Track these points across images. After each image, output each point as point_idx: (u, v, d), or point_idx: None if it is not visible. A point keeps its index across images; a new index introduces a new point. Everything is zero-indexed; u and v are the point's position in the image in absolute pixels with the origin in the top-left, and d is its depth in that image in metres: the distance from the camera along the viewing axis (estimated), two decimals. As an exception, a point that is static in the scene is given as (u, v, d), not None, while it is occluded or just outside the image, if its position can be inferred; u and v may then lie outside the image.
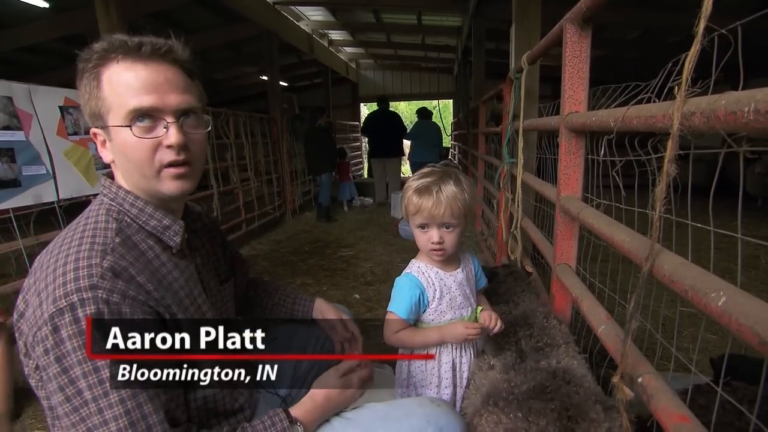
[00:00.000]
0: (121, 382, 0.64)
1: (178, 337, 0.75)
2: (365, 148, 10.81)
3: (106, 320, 0.65)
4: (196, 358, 0.79)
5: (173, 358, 0.73)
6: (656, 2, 4.85)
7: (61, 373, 0.64)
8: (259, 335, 1.26)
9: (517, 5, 2.61)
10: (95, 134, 0.77)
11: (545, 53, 1.56)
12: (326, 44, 8.87)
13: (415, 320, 1.13)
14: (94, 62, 0.73)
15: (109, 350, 0.65)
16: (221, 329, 0.90)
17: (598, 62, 1.32)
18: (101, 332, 0.65)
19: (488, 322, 1.08)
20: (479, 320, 1.10)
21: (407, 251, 4.09)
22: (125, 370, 0.65)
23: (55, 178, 2.08)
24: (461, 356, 1.15)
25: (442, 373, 1.14)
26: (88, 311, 0.64)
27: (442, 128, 6.96)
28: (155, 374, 0.70)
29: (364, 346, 2.32)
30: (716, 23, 0.55)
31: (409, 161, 6.90)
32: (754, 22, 0.54)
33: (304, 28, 7.40)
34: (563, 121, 1.24)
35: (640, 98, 0.88)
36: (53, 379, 0.64)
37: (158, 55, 0.74)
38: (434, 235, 1.06)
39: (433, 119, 6.73)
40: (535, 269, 1.94)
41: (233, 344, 0.98)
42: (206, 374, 0.81)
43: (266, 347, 1.18)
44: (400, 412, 0.90)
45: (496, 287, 1.40)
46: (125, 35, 0.75)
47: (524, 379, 0.90)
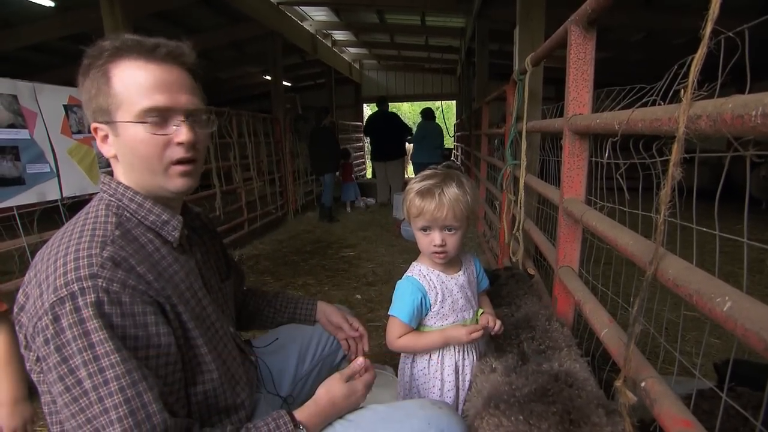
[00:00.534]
0: (120, 371, 0.64)
1: (178, 328, 0.76)
2: (367, 148, 10.83)
3: (106, 309, 0.66)
4: (198, 351, 0.80)
5: (173, 350, 0.73)
6: (661, 4, 4.83)
7: (61, 362, 0.64)
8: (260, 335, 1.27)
9: (521, 7, 2.61)
10: (96, 129, 0.78)
11: (549, 55, 1.56)
12: (330, 44, 8.88)
13: (417, 324, 1.13)
14: (104, 59, 0.75)
15: (108, 339, 0.64)
16: (223, 324, 0.91)
17: (602, 64, 1.31)
18: (101, 321, 0.65)
19: (488, 325, 1.08)
20: (480, 323, 1.10)
21: (409, 252, 4.08)
22: (125, 359, 0.65)
23: (59, 176, 2.09)
24: (464, 359, 1.14)
25: (444, 375, 1.14)
26: (88, 300, 0.65)
27: (444, 129, 6.96)
28: (156, 364, 0.70)
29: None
30: (722, 25, 0.54)
31: (411, 162, 6.89)
32: (762, 23, 0.54)
33: (307, 28, 7.42)
34: (567, 123, 1.24)
35: (645, 101, 0.87)
36: (53, 369, 0.64)
37: (172, 57, 0.77)
38: (436, 237, 1.06)
39: (436, 120, 6.73)
40: (537, 271, 1.93)
41: (235, 341, 0.98)
42: (208, 368, 0.81)
43: (267, 347, 1.19)
44: (401, 413, 0.90)
45: (498, 290, 1.40)
46: (136, 35, 0.77)
47: (526, 381, 0.90)
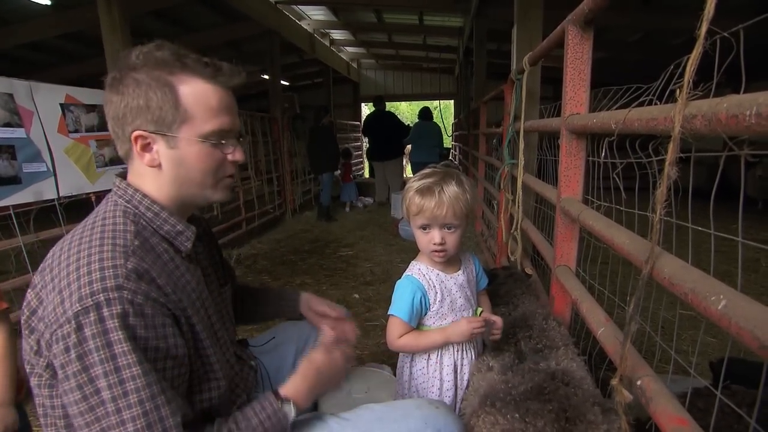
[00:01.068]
0: (141, 383, 0.64)
1: (191, 339, 0.76)
2: (365, 147, 10.83)
3: (131, 321, 0.66)
4: (207, 360, 0.80)
5: (186, 361, 0.74)
6: (658, 4, 4.84)
7: (81, 371, 0.64)
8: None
9: (518, 6, 2.61)
10: (142, 136, 0.77)
11: (547, 55, 1.56)
12: (328, 44, 8.87)
13: (417, 324, 1.13)
14: (167, 70, 0.76)
15: (132, 351, 0.64)
16: (224, 333, 0.91)
17: (600, 64, 1.32)
18: (126, 332, 0.65)
19: (490, 320, 1.08)
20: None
21: (407, 251, 4.08)
22: (147, 371, 0.65)
23: (55, 175, 2.08)
24: (463, 358, 1.14)
25: (444, 375, 1.14)
26: (114, 311, 0.65)
27: (442, 129, 6.96)
28: (172, 376, 0.70)
29: (365, 346, 2.34)
30: (719, 25, 0.54)
31: (409, 162, 6.89)
32: (758, 24, 0.54)
33: (305, 27, 7.40)
34: (564, 122, 1.24)
35: (641, 100, 0.87)
36: (71, 377, 0.64)
37: (231, 83, 0.82)
38: (436, 236, 1.06)
39: (433, 120, 6.73)
40: (534, 271, 1.94)
41: (237, 346, 0.98)
42: (215, 377, 0.81)
43: (264, 346, 1.19)
44: (397, 413, 0.90)
45: (495, 289, 1.40)
46: (191, 53, 0.80)
47: (522, 380, 0.90)
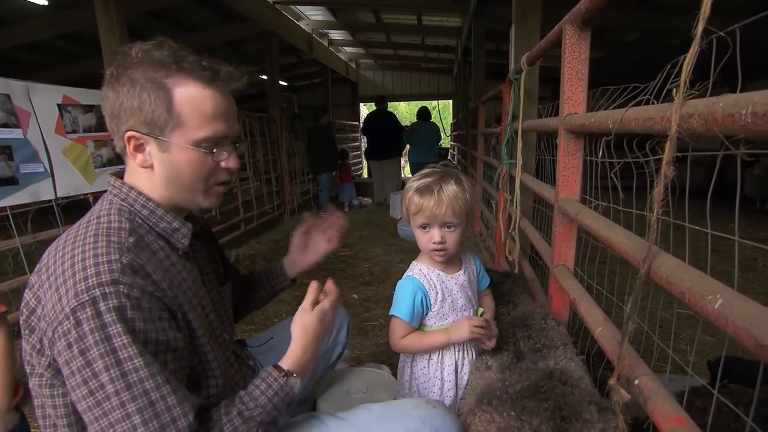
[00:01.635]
0: (144, 374, 0.65)
1: (187, 336, 0.76)
2: (363, 147, 10.83)
3: (128, 314, 0.66)
4: (204, 358, 0.80)
5: (186, 354, 0.74)
6: (655, 4, 4.85)
7: (85, 366, 0.64)
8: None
9: (517, 6, 2.61)
10: (135, 137, 0.76)
11: (544, 54, 1.56)
12: (326, 44, 8.87)
13: (419, 324, 1.13)
14: (163, 72, 0.74)
15: (132, 343, 0.65)
16: (223, 331, 0.91)
17: (598, 64, 1.32)
18: (124, 326, 0.65)
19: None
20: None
21: (406, 251, 4.08)
22: (149, 362, 0.66)
23: (53, 176, 2.07)
24: (463, 357, 1.15)
25: (444, 375, 1.14)
26: (111, 304, 0.65)
27: (441, 129, 6.97)
28: (174, 368, 0.71)
29: (363, 346, 2.34)
30: (718, 25, 0.54)
31: (408, 162, 6.89)
32: (754, 24, 0.54)
33: (304, 27, 7.40)
34: (562, 122, 1.24)
35: (638, 100, 0.87)
36: (77, 372, 0.64)
37: (229, 87, 0.81)
38: (436, 234, 1.06)
39: (432, 120, 6.73)
40: (533, 270, 1.94)
41: (236, 345, 0.98)
42: (213, 375, 0.82)
43: (262, 347, 1.19)
44: (395, 413, 0.90)
45: (496, 288, 1.40)
46: (190, 53, 0.78)
47: (519, 378, 0.90)
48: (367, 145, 7.15)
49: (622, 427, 0.74)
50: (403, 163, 7.58)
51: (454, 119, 10.19)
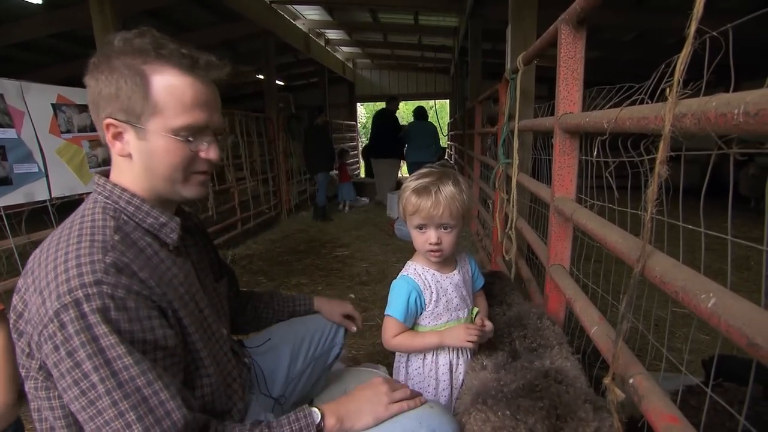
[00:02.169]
0: (135, 371, 0.65)
1: (179, 333, 0.75)
2: (360, 147, 10.84)
3: (113, 315, 0.65)
4: (197, 355, 0.80)
5: (179, 351, 0.74)
6: (652, 4, 4.88)
7: (74, 367, 0.64)
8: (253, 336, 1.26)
9: (513, 6, 2.62)
10: (113, 125, 0.75)
11: (540, 54, 1.56)
12: (323, 43, 8.86)
13: (413, 323, 1.13)
14: (141, 59, 0.73)
15: (119, 342, 0.64)
16: (219, 326, 0.90)
17: (594, 63, 1.33)
18: (109, 326, 0.64)
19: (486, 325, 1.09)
20: (476, 323, 1.10)
21: (403, 251, 4.09)
22: (138, 360, 0.65)
23: (47, 176, 2.06)
24: (458, 357, 1.15)
25: (439, 375, 1.14)
26: (94, 305, 0.64)
27: (438, 128, 6.97)
28: (165, 366, 0.70)
29: (360, 346, 2.34)
30: (713, 25, 0.55)
31: (405, 162, 6.88)
32: (748, 23, 0.54)
33: (300, 27, 7.38)
34: (557, 121, 1.24)
35: (633, 99, 0.88)
36: (66, 375, 0.64)
37: (210, 75, 0.79)
38: (432, 235, 1.06)
39: (429, 119, 6.74)
40: (529, 270, 1.94)
41: (229, 343, 0.98)
42: (207, 372, 0.81)
43: (260, 347, 1.18)
44: (392, 412, 0.90)
45: (486, 289, 1.40)
46: (172, 41, 0.77)
47: (514, 378, 0.90)
48: (368, 142, 7.15)
49: (617, 425, 0.75)
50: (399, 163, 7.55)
51: (451, 119, 10.20)
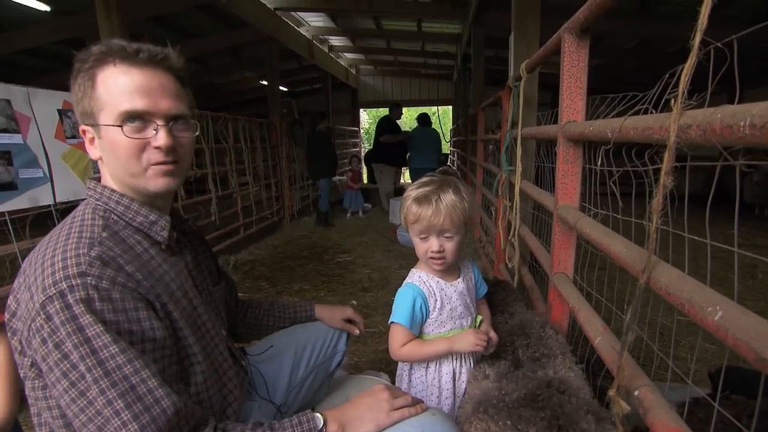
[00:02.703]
0: (122, 360, 0.65)
1: (169, 326, 0.76)
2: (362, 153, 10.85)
3: (97, 305, 0.66)
4: (189, 351, 0.80)
5: (169, 343, 0.74)
6: (654, 13, 4.89)
7: (62, 359, 0.64)
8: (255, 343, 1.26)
9: (516, 14, 2.63)
10: (84, 131, 0.80)
11: (543, 62, 1.57)
12: (326, 50, 8.92)
13: (418, 331, 1.12)
14: (90, 63, 0.76)
15: (105, 332, 0.65)
16: (215, 326, 0.90)
17: (596, 71, 1.33)
18: (94, 316, 0.65)
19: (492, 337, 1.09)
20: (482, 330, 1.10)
21: (405, 257, 4.07)
22: (124, 349, 0.66)
23: (52, 181, 2.07)
24: (461, 366, 1.14)
25: (442, 383, 1.13)
26: (78, 296, 0.65)
27: (441, 135, 6.98)
28: (154, 357, 0.71)
29: (362, 353, 2.33)
30: (714, 34, 0.55)
31: (408, 168, 6.88)
32: (750, 33, 0.54)
33: (304, 33, 7.44)
34: (561, 130, 1.24)
35: (637, 109, 0.88)
36: (55, 367, 0.64)
37: (154, 62, 0.78)
38: (434, 244, 1.06)
39: (432, 126, 6.75)
40: (532, 277, 1.93)
41: (227, 345, 0.98)
42: (201, 369, 0.81)
43: (262, 355, 1.18)
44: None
45: (489, 298, 1.40)
46: (124, 41, 0.78)
47: (515, 387, 0.89)
48: (370, 148, 7.15)
49: (621, 438, 0.74)
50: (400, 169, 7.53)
51: (453, 125, 10.22)
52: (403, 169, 7.70)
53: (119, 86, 0.76)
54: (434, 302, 1.09)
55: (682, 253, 0.77)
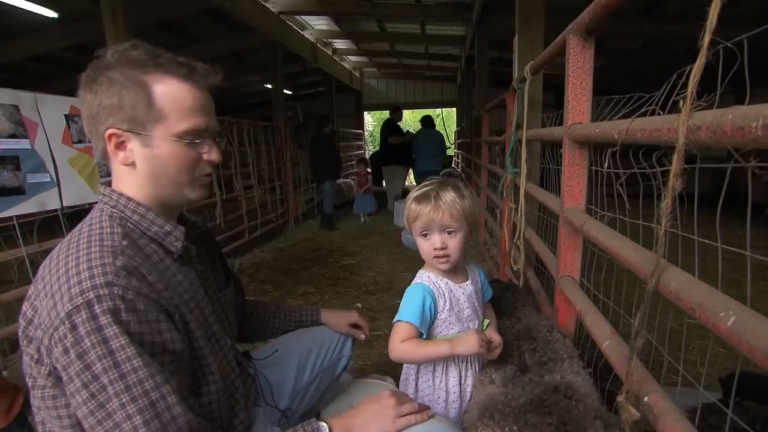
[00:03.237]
0: (143, 374, 0.65)
1: (186, 338, 0.76)
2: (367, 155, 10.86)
3: (123, 316, 0.66)
4: (203, 361, 0.80)
5: (186, 356, 0.74)
6: (659, 13, 4.86)
7: (84, 369, 0.64)
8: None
9: (520, 16, 2.62)
10: (115, 135, 0.77)
11: (548, 64, 1.56)
12: (330, 53, 8.94)
13: (426, 331, 1.10)
14: (140, 69, 0.76)
15: (129, 344, 0.65)
16: (223, 335, 0.90)
17: (601, 72, 1.31)
18: (120, 327, 0.65)
19: (495, 339, 1.07)
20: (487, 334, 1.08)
21: (410, 260, 4.06)
22: (148, 362, 0.66)
23: (59, 185, 2.09)
24: (467, 369, 1.13)
25: (449, 387, 1.12)
26: (105, 306, 0.65)
27: (445, 137, 6.97)
28: (172, 370, 0.70)
29: (367, 357, 2.32)
30: (721, 32, 0.54)
31: (413, 170, 6.86)
32: (760, 30, 0.53)
33: (308, 37, 7.47)
34: (566, 132, 1.23)
35: (644, 110, 0.87)
36: (75, 377, 0.64)
37: (206, 82, 0.82)
38: (436, 240, 1.05)
39: (435, 128, 6.74)
40: (538, 280, 1.92)
41: (235, 353, 0.97)
42: (213, 380, 0.81)
43: (267, 359, 1.17)
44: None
45: (496, 302, 1.38)
46: (168, 52, 0.80)
47: (522, 392, 0.88)
48: (376, 150, 7.14)
49: (631, 445, 0.72)
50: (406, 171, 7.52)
51: (458, 127, 10.20)
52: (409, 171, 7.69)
53: (182, 103, 0.78)
54: (443, 303, 1.08)
55: (690, 255, 0.75)
